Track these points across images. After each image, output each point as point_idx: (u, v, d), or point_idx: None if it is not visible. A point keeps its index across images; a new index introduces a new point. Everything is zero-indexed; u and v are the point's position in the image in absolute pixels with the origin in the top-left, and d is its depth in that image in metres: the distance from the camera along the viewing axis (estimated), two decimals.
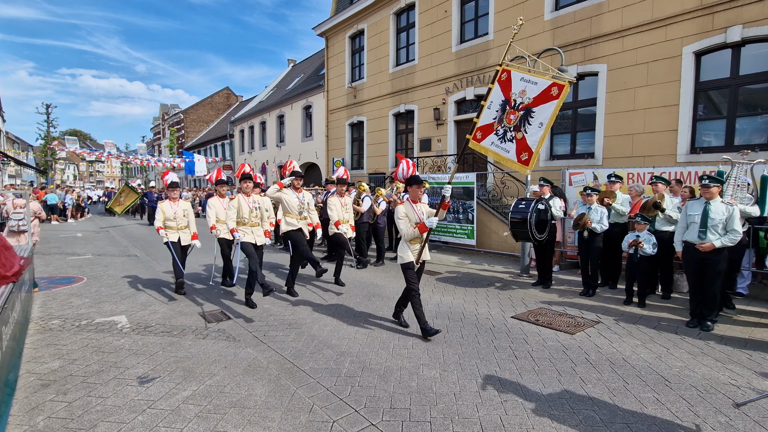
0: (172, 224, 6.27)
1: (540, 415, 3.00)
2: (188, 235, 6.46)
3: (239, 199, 5.62)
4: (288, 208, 5.97)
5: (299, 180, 6.11)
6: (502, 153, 5.02)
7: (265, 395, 3.30)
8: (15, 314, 3.81)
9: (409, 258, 4.51)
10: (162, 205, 6.20)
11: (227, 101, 43.57)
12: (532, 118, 4.81)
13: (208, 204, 6.67)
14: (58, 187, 24.32)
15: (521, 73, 4.99)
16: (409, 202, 4.62)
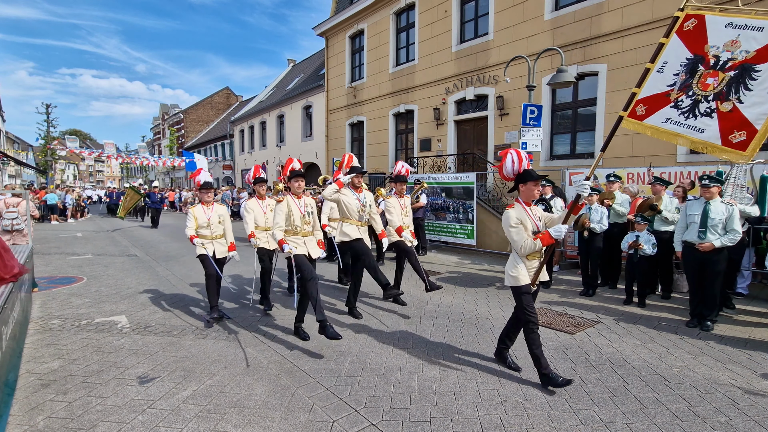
0: (205, 233, 5.12)
1: (540, 415, 3.00)
2: (225, 246, 5.30)
3: (288, 203, 4.42)
4: (346, 212, 4.97)
5: (360, 178, 5.03)
6: (692, 134, 3.41)
7: (265, 395, 3.30)
8: (15, 314, 3.81)
9: (524, 279, 3.38)
10: (194, 211, 5.10)
11: (227, 101, 43.58)
12: (754, 79, 3.23)
13: (245, 207, 5.68)
14: (57, 187, 24.32)
15: (728, 17, 3.35)
16: (522, 204, 3.51)
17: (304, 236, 4.50)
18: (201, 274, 8.09)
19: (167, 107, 50.86)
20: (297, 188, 4.50)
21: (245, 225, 5.65)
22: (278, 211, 4.36)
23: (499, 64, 11.19)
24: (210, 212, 5.17)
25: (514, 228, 3.41)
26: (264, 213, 5.71)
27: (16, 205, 7.09)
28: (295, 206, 4.44)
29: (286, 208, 4.40)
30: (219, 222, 5.24)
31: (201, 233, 5.12)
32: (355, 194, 5.03)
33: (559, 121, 10.52)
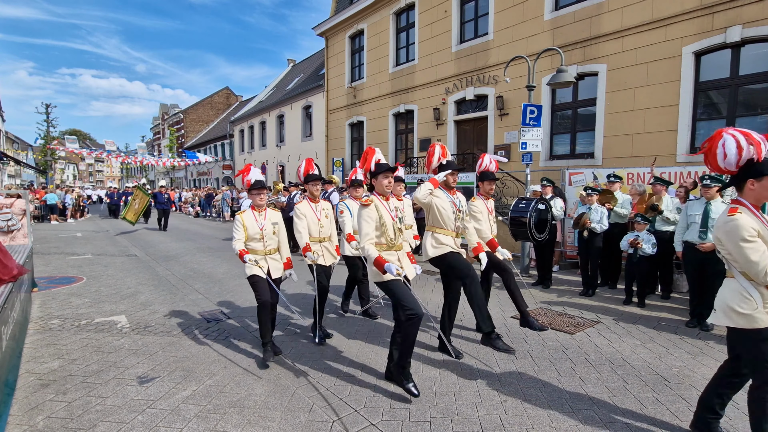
0: (257, 246, 4.00)
1: (540, 415, 3.00)
2: (280, 262, 4.19)
3: (377, 206, 3.31)
4: (440, 219, 3.87)
5: (456, 176, 3.99)
6: None
7: (264, 395, 3.30)
8: (14, 314, 3.81)
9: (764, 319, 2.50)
10: (243, 218, 3.99)
11: (227, 101, 43.58)
12: None
13: (297, 212, 4.47)
14: (58, 187, 24.31)
15: None
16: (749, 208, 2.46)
17: (398, 250, 3.45)
18: (201, 274, 8.14)
19: (167, 107, 50.85)
20: (387, 187, 3.39)
21: (297, 235, 4.41)
22: (365, 218, 3.25)
23: (499, 64, 11.19)
24: (263, 220, 4.04)
25: (749, 244, 2.33)
26: (318, 219, 4.53)
27: (10, 205, 7.05)
28: (386, 211, 3.35)
29: (376, 214, 3.28)
30: (273, 232, 4.09)
31: (251, 247, 4.00)
32: (449, 196, 3.94)
33: (559, 121, 10.52)
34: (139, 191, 14.88)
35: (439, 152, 3.98)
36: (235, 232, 3.98)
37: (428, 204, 3.85)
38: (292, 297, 6.07)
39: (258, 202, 4.02)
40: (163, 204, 15.79)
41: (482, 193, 4.59)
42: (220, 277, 7.61)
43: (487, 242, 4.32)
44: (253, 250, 4.00)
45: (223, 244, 11.79)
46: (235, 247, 3.94)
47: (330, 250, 4.62)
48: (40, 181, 39.19)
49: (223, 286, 6.89)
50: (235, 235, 3.97)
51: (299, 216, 4.46)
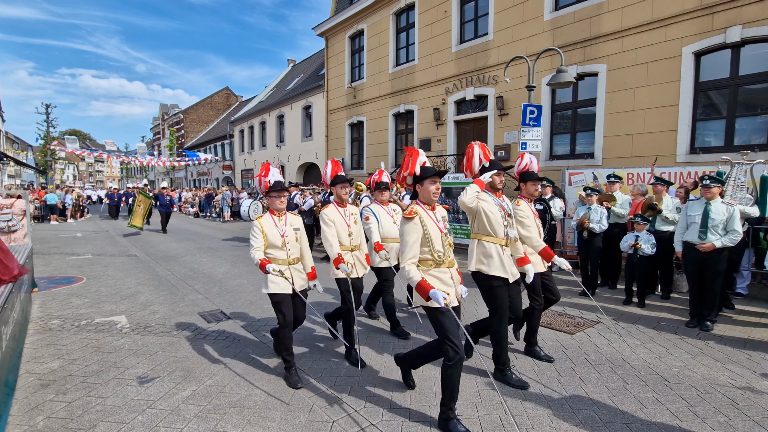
0: (279, 255, 3.56)
1: (540, 415, 3.00)
2: (303, 273, 3.75)
3: (422, 218, 2.89)
4: (487, 225, 3.38)
5: (501, 176, 3.56)
6: None
7: (264, 395, 3.30)
8: (14, 314, 3.81)
9: None
10: (261, 223, 3.55)
11: (227, 101, 43.58)
12: None
13: (324, 218, 4.03)
14: (58, 188, 24.31)
15: None
16: None
17: (451, 266, 2.97)
18: (201, 274, 8.15)
19: (167, 107, 50.86)
20: (434, 195, 2.97)
21: (326, 244, 3.92)
22: (408, 234, 2.83)
23: (499, 64, 11.19)
24: (283, 225, 3.61)
25: None
26: (347, 226, 4.09)
27: (10, 206, 7.05)
28: (432, 222, 2.92)
29: (420, 229, 2.85)
30: (296, 239, 3.67)
31: (272, 256, 3.55)
32: (496, 199, 3.48)
33: (559, 121, 10.52)
34: (141, 195, 14.61)
35: (479, 153, 3.50)
36: (253, 239, 3.51)
37: (475, 209, 3.37)
38: None
39: (278, 205, 3.58)
40: (166, 206, 15.27)
41: (525, 195, 4.02)
42: (220, 277, 7.61)
43: (539, 252, 3.83)
44: (274, 260, 3.53)
45: (222, 244, 11.79)
46: (255, 256, 3.44)
47: (361, 259, 4.18)
48: (40, 181, 39.19)
49: (223, 286, 6.89)
50: (253, 242, 3.49)
51: (327, 223, 3.97)
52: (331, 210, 4.08)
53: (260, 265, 3.38)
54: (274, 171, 3.68)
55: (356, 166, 17.45)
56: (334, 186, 4.17)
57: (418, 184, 3.02)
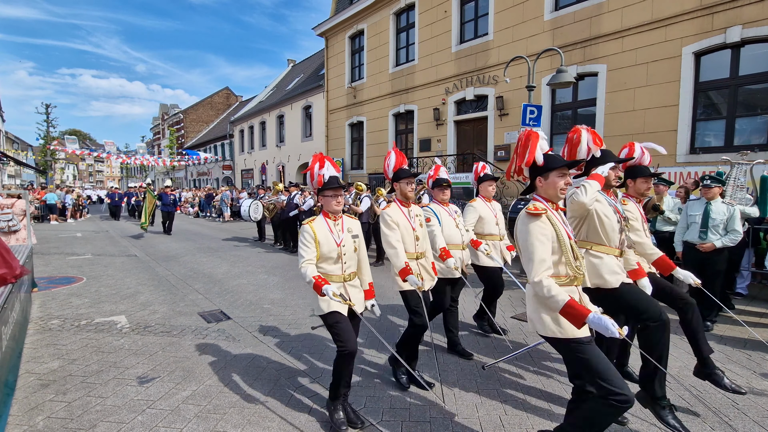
0: (334, 270, 2.91)
1: (540, 415, 3.00)
2: (360, 290, 3.08)
3: (551, 219, 2.28)
4: (600, 231, 2.81)
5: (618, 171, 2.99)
6: None
7: (264, 395, 3.30)
8: (14, 314, 3.81)
9: None
10: (313, 228, 2.87)
11: (227, 101, 43.58)
12: None
13: (386, 219, 3.36)
14: (58, 187, 24.30)
15: None
16: None
17: (579, 284, 2.36)
18: (201, 274, 8.16)
19: (167, 107, 50.86)
20: (562, 192, 2.33)
21: (391, 251, 3.27)
22: (538, 238, 2.17)
23: (499, 64, 11.19)
24: (340, 232, 2.93)
25: None
26: (413, 229, 3.46)
27: (11, 206, 7.05)
28: (561, 225, 2.28)
29: (552, 230, 2.21)
30: (354, 248, 2.99)
31: (324, 271, 2.89)
32: (609, 199, 2.90)
33: (559, 121, 10.52)
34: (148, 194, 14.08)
35: (588, 138, 2.64)
36: (304, 249, 2.82)
37: (584, 215, 2.78)
38: None
39: (334, 207, 2.90)
40: (169, 206, 14.56)
41: (633, 195, 3.34)
42: (220, 277, 7.61)
43: (654, 262, 3.13)
44: (327, 275, 2.86)
45: (222, 244, 11.79)
46: (306, 271, 2.75)
47: (428, 269, 3.53)
48: (40, 181, 39.18)
49: (223, 286, 6.89)
50: (304, 253, 2.81)
51: (390, 225, 3.30)
52: (394, 210, 3.40)
53: (315, 284, 2.70)
54: (328, 168, 2.93)
55: (356, 166, 17.45)
56: (398, 181, 3.50)
57: (541, 177, 2.32)
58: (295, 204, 10.07)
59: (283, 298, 6.16)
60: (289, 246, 10.68)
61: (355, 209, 8.46)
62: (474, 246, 4.16)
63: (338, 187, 2.90)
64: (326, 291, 2.65)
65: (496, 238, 4.46)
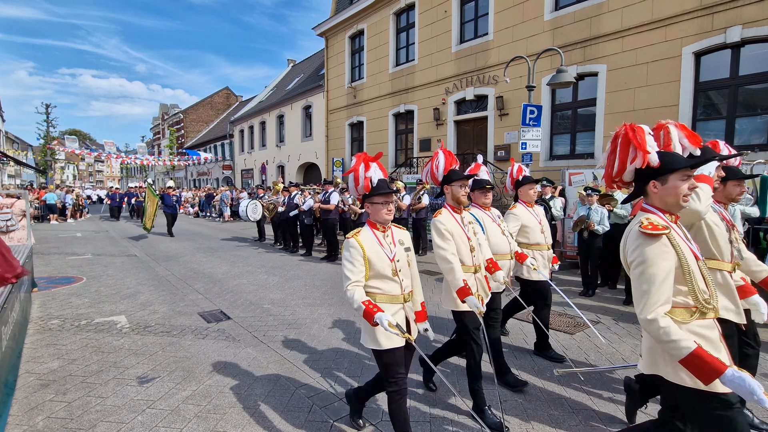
0: (389, 289, 2.47)
1: (540, 415, 3.00)
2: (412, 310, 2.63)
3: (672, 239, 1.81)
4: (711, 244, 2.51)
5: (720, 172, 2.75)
6: None
7: (264, 395, 3.30)
8: (14, 314, 3.81)
9: None
10: (360, 241, 2.41)
11: (227, 101, 43.59)
12: None
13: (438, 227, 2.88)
14: (57, 187, 24.31)
15: None
16: None
17: (716, 316, 1.87)
18: (201, 274, 8.16)
19: (167, 107, 50.86)
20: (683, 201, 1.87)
21: (445, 266, 2.84)
22: (655, 260, 1.77)
23: (499, 64, 11.19)
24: (392, 245, 2.48)
25: None
26: (468, 239, 2.95)
27: (10, 206, 7.05)
28: (684, 243, 1.86)
29: (672, 251, 1.79)
30: (408, 262, 2.54)
31: (379, 291, 2.43)
32: (715, 207, 2.60)
33: (559, 121, 10.52)
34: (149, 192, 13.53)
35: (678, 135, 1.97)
36: (349, 268, 2.34)
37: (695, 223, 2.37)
38: None
39: (385, 216, 2.43)
40: (172, 207, 14.09)
41: (721, 200, 2.82)
42: (220, 277, 7.61)
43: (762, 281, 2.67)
44: (384, 296, 2.41)
45: (222, 244, 11.79)
46: (354, 295, 2.28)
47: (484, 284, 3.05)
48: (40, 181, 39.19)
49: (223, 286, 6.89)
50: (350, 272, 2.33)
51: (444, 236, 2.84)
52: (446, 217, 2.91)
53: (365, 311, 2.22)
54: (375, 166, 2.48)
55: None
56: (449, 184, 2.99)
57: (656, 182, 1.87)
58: (295, 204, 10.08)
59: (283, 298, 6.16)
60: (289, 246, 10.68)
61: (355, 209, 8.45)
62: (520, 260, 3.65)
63: (389, 192, 2.42)
64: (380, 320, 2.16)
65: (544, 248, 3.91)
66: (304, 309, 5.63)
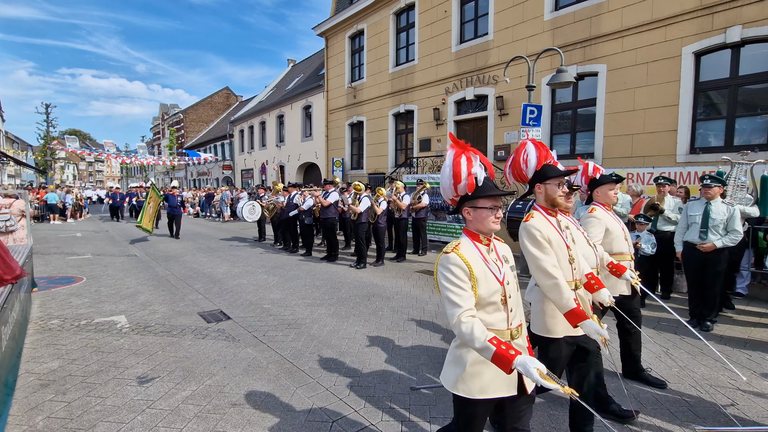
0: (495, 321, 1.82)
1: (540, 415, 3.00)
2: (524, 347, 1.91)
3: None
4: None
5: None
6: None
7: (264, 395, 3.30)
8: (14, 314, 3.81)
9: None
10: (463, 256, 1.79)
11: (227, 101, 43.59)
12: None
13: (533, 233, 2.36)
14: (57, 187, 24.31)
15: None
16: None
17: None
18: (201, 274, 8.16)
19: (167, 107, 50.87)
20: None
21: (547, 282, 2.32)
22: None
23: (498, 64, 11.19)
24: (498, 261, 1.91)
25: None
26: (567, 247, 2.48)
27: (9, 206, 7.04)
28: None
29: None
30: (516, 286, 1.96)
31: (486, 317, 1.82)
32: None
33: (559, 121, 10.52)
34: (153, 192, 12.91)
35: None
36: (456, 294, 1.75)
37: None
38: None
39: (491, 225, 1.87)
40: (175, 208, 13.57)
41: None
42: (220, 277, 7.61)
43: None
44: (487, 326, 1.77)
45: (222, 244, 11.79)
46: (474, 331, 1.68)
47: (587, 302, 2.57)
48: (40, 181, 39.17)
49: (223, 286, 6.89)
50: (459, 300, 1.74)
51: (542, 244, 2.34)
52: (541, 221, 2.41)
53: (498, 355, 1.63)
54: (478, 160, 1.89)
55: (356, 166, 17.45)
56: (543, 182, 2.49)
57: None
58: (295, 204, 10.07)
59: (283, 298, 6.16)
60: (289, 246, 10.68)
61: (355, 209, 8.45)
62: (617, 273, 2.97)
63: (499, 194, 1.85)
64: (525, 368, 1.59)
65: (627, 258, 3.35)
66: (304, 309, 5.63)
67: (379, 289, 6.64)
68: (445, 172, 1.93)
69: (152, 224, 12.39)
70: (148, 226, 12.12)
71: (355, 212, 8.46)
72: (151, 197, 12.63)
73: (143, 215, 12.23)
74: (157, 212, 12.77)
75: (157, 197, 12.73)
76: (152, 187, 13.35)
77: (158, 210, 12.87)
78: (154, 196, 12.65)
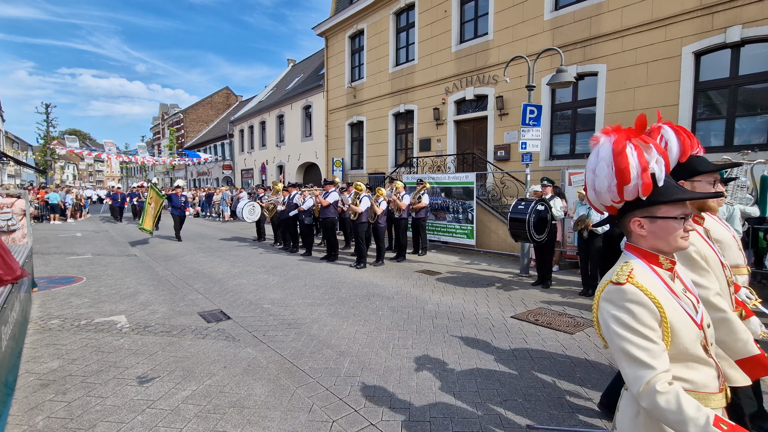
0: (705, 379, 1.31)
1: (540, 416, 3.00)
2: None
3: None
4: None
5: None
6: None
7: (264, 395, 3.30)
8: (14, 314, 3.81)
9: None
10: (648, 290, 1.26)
11: (227, 101, 43.60)
12: None
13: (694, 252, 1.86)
14: (57, 187, 24.30)
15: None
16: None
17: None
18: (201, 274, 8.17)
19: (167, 107, 50.88)
20: None
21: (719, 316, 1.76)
22: None
23: (498, 64, 11.19)
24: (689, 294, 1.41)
25: None
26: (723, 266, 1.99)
27: (10, 205, 7.04)
28: None
29: None
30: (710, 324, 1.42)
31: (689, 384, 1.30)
32: None
33: (559, 121, 10.52)
34: (153, 192, 12.44)
35: None
36: (642, 348, 1.24)
37: None
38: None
39: (680, 240, 1.34)
40: (180, 209, 13.07)
41: None
42: (220, 277, 7.61)
43: None
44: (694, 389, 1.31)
45: (222, 244, 11.79)
46: (683, 406, 1.14)
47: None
48: (40, 180, 39.17)
49: (223, 286, 6.89)
50: (647, 357, 1.22)
51: (698, 264, 1.90)
52: (695, 236, 1.92)
53: None
54: (653, 151, 1.34)
55: (356, 166, 17.46)
56: (690, 179, 1.92)
57: None
58: (295, 204, 10.07)
59: (283, 298, 6.16)
60: (289, 246, 10.68)
61: (355, 209, 8.45)
62: None
63: (690, 198, 1.34)
64: None
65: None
66: (304, 309, 5.63)
67: (379, 289, 6.64)
68: (601, 169, 1.36)
69: (153, 225, 12.15)
70: (149, 227, 11.91)
71: (355, 212, 8.46)
72: (151, 197, 12.30)
73: (144, 216, 11.98)
74: (158, 213, 12.46)
75: (159, 197, 12.39)
76: (152, 187, 13.09)
77: (159, 211, 12.52)
78: (155, 197, 12.32)
